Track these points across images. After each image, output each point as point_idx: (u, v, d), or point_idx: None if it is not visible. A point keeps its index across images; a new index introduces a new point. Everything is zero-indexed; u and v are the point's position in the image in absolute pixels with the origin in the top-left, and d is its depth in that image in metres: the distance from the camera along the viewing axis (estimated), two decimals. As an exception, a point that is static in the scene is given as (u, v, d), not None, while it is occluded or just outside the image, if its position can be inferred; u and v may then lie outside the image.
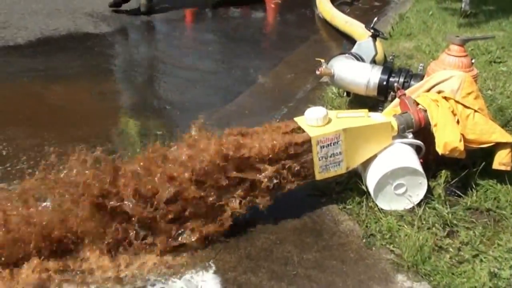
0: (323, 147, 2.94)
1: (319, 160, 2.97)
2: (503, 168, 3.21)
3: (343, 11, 7.44)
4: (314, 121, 2.97)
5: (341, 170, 3.06)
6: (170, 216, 2.77)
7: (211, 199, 2.81)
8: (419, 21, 7.15)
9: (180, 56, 6.41)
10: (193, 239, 2.83)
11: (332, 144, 2.95)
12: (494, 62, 5.50)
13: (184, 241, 2.83)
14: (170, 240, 2.82)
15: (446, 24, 7.02)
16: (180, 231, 2.84)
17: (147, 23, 7.78)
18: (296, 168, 2.95)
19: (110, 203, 2.68)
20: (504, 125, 3.71)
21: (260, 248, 2.88)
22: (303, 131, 2.99)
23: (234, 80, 5.63)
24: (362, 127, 3.01)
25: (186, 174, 2.75)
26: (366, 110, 3.15)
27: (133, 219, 2.72)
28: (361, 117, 3.10)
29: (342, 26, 6.78)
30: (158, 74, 5.76)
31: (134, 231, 2.76)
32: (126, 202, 2.69)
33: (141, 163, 2.84)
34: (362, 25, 6.02)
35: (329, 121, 3.02)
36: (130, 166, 2.84)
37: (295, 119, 3.12)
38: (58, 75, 5.48)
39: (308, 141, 2.93)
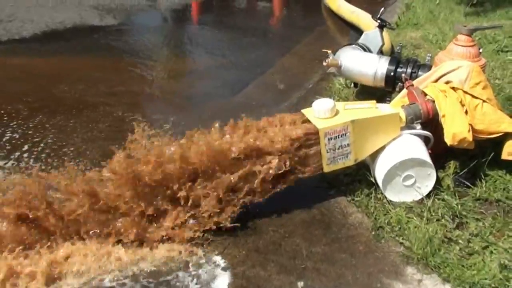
0: (331, 139, 2.93)
1: (327, 152, 2.95)
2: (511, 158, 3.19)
3: (349, 1, 7.39)
4: (322, 113, 2.95)
5: (349, 162, 3.05)
6: None
7: None
8: (425, 10, 7.12)
9: (187, 48, 6.41)
10: None
11: (340, 136, 2.94)
12: (502, 51, 5.45)
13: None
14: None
15: (452, 13, 6.98)
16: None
17: (153, 15, 7.77)
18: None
19: None
20: (512, 115, 3.69)
21: (268, 242, 2.87)
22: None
23: (241, 71, 5.63)
24: (370, 119, 3.00)
25: None
26: (374, 101, 3.13)
27: None
28: (369, 109, 3.08)
29: (348, 16, 6.76)
30: (165, 66, 5.74)
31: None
32: None
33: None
34: (369, 15, 5.99)
35: (337, 112, 3.01)
36: None
37: (303, 111, 3.10)
38: (65, 68, 5.48)
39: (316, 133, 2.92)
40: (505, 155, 3.19)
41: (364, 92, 4.32)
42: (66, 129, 4.13)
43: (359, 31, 5.94)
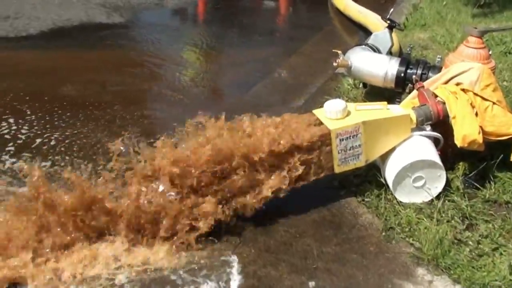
0: (343, 140, 2.94)
1: (338, 153, 2.96)
2: (521, 160, 3.20)
3: (356, 1, 7.39)
4: (333, 113, 2.96)
5: (360, 163, 3.06)
6: None
7: None
8: (433, 11, 7.11)
9: (194, 46, 6.40)
10: None
11: (351, 137, 2.95)
12: (509, 53, 5.46)
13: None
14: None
15: (460, 14, 6.98)
16: None
17: (159, 13, 7.79)
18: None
19: None
20: (521, 117, 3.69)
21: (279, 242, 2.89)
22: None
23: (248, 71, 5.63)
24: (381, 120, 3.01)
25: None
26: (385, 103, 3.13)
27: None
28: (380, 110, 3.09)
29: (355, 16, 6.76)
30: (172, 65, 5.74)
31: None
32: None
33: None
34: (376, 15, 6.00)
35: (348, 113, 3.01)
36: None
37: (314, 111, 3.11)
38: (71, 65, 5.49)
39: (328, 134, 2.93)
40: (514, 157, 3.21)
41: (373, 92, 4.32)
42: (72, 126, 4.16)
43: (367, 31, 5.95)
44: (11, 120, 4.20)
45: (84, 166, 2.94)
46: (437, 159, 3.05)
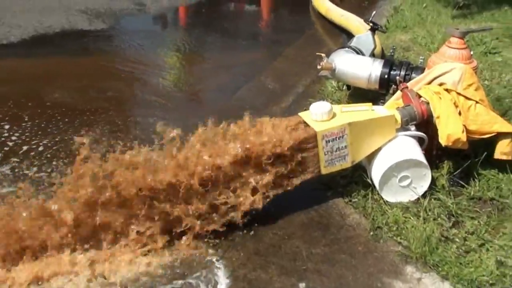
0: (329, 142, 2.96)
1: (325, 154, 2.99)
2: (504, 157, 3.25)
3: (337, 4, 7.44)
4: (319, 115, 2.98)
5: (347, 164, 3.08)
6: None
7: None
8: (413, 13, 7.17)
9: (177, 51, 6.41)
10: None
11: (337, 138, 2.97)
12: (489, 53, 5.53)
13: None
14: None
15: (440, 16, 7.05)
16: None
17: (142, 19, 7.78)
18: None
19: None
20: (502, 115, 3.73)
21: (268, 244, 2.90)
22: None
23: (233, 75, 5.64)
24: (367, 121, 3.04)
25: None
26: (370, 104, 3.17)
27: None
28: (365, 111, 3.12)
29: (337, 20, 6.80)
30: (155, 71, 5.73)
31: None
32: None
33: None
34: (358, 18, 6.05)
35: (334, 115, 3.04)
36: None
37: (300, 114, 3.13)
38: (54, 72, 5.47)
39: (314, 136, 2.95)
40: (497, 155, 3.26)
41: (357, 94, 4.35)
42: (56, 133, 4.15)
43: (349, 34, 5.99)
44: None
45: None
46: (422, 158, 3.08)
